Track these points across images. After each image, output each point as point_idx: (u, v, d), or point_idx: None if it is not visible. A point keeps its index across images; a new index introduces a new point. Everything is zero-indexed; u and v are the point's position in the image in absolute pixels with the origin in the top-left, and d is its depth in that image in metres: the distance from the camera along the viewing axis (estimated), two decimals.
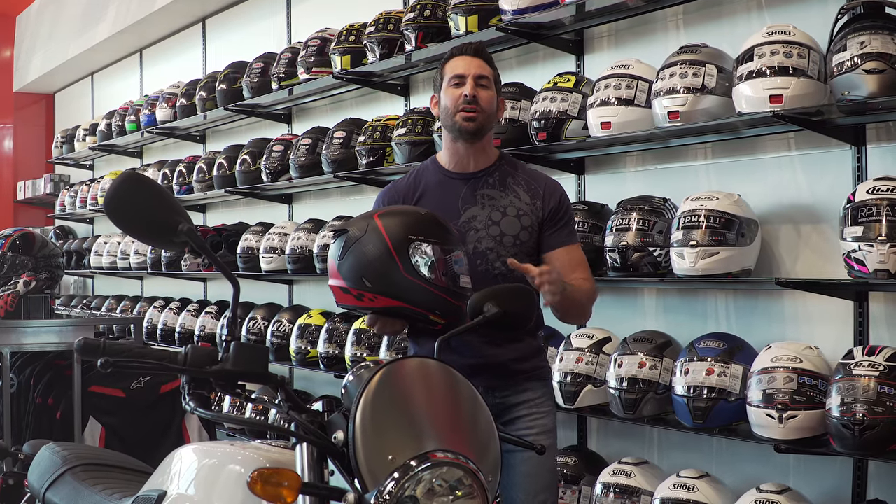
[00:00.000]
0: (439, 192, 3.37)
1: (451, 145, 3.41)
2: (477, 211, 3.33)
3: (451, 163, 3.41)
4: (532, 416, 3.32)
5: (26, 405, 5.77)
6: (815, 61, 3.72)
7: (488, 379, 3.23)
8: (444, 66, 3.41)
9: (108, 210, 2.26)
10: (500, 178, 3.39)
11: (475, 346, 3.19)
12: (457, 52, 3.41)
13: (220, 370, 2.18)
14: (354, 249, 2.76)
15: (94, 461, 3.31)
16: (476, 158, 3.39)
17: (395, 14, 5.68)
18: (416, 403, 2.12)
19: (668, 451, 4.61)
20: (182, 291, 8.77)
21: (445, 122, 3.38)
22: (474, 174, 3.39)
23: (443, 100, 3.38)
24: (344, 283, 2.79)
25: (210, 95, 7.64)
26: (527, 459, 3.21)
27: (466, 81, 3.32)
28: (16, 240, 6.24)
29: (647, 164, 4.73)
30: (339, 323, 6.02)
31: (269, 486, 1.93)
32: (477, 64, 3.36)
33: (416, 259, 2.72)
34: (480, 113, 3.32)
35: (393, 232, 2.74)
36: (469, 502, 2.01)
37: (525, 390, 3.33)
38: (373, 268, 2.73)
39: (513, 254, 3.27)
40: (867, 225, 3.46)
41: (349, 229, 2.81)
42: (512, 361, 3.31)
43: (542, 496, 3.28)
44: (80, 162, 11.29)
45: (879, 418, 3.38)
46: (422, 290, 2.72)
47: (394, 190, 3.45)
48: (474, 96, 3.30)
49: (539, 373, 3.41)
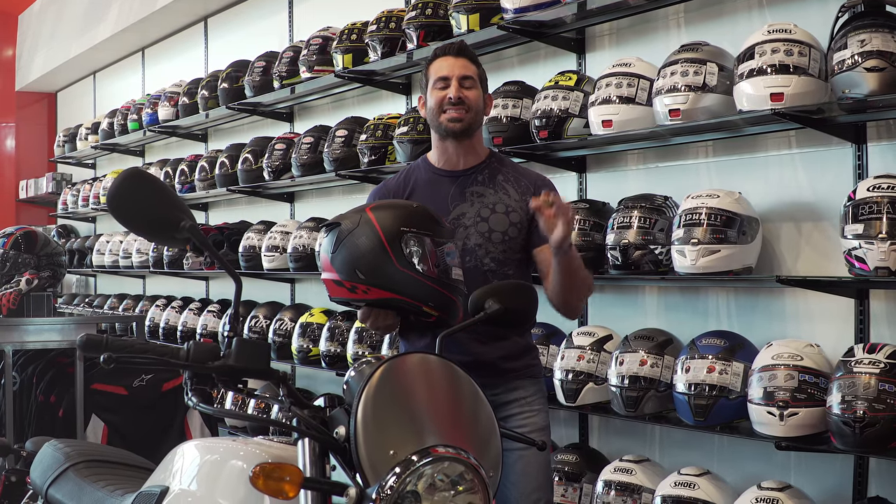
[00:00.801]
0: (429, 189, 3.40)
1: (439, 144, 3.45)
2: (466, 208, 3.36)
3: (441, 161, 3.45)
4: (524, 415, 3.34)
5: (29, 403, 5.78)
6: (815, 59, 3.73)
7: (478, 377, 3.23)
8: (429, 68, 3.43)
9: (111, 207, 2.27)
10: (489, 176, 3.41)
11: (464, 344, 3.20)
12: (440, 53, 3.43)
13: (222, 366, 2.19)
14: (347, 242, 2.77)
15: (96, 458, 3.33)
16: (465, 156, 3.42)
17: (396, 13, 5.68)
18: (417, 399, 2.13)
19: (670, 448, 4.62)
20: (184, 290, 8.78)
21: (432, 122, 3.42)
22: (464, 172, 3.42)
23: (429, 101, 3.41)
24: (337, 275, 2.79)
25: (212, 94, 7.65)
26: (521, 458, 3.23)
27: (451, 83, 3.35)
28: (18, 238, 6.25)
29: (649, 162, 4.74)
30: (340, 321, 6.03)
31: (272, 480, 1.94)
32: (461, 64, 3.38)
33: (409, 251, 2.73)
34: (467, 113, 3.36)
35: (385, 224, 2.75)
36: (470, 497, 2.02)
37: (516, 388, 3.35)
38: (366, 260, 2.73)
39: (501, 250, 3.30)
40: (868, 223, 3.47)
41: (342, 223, 2.82)
42: (500, 360, 3.32)
43: (537, 494, 3.29)
44: (83, 161, 11.30)
45: (880, 415, 3.39)
46: (414, 282, 2.73)
47: (385, 189, 3.49)
48: (459, 97, 3.33)
49: (530, 371, 3.43)
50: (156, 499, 2.55)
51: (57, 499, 3.17)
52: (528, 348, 3.47)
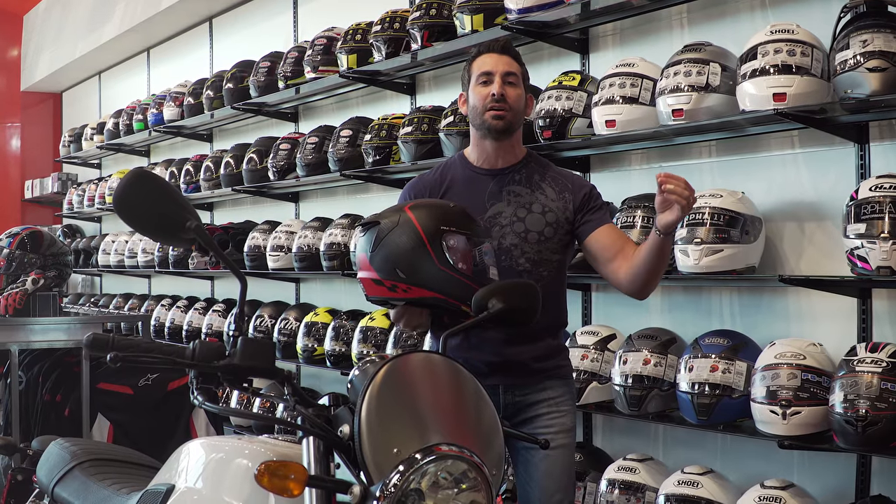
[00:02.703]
0: (465, 187, 3.36)
1: (479, 142, 3.40)
2: (502, 207, 3.32)
3: (479, 159, 3.41)
4: (551, 415, 3.30)
5: (35, 402, 5.79)
6: (818, 59, 3.74)
7: (507, 377, 3.23)
8: (472, 64, 3.39)
9: (117, 207, 2.29)
10: (526, 176, 3.38)
11: (495, 345, 3.19)
12: (484, 49, 3.39)
13: (227, 365, 2.21)
14: (387, 241, 2.79)
15: (102, 456, 3.33)
16: (504, 155, 3.38)
17: (401, 13, 5.70)
18: (420, 397, 2.14)
19: (673, 447, 4.63)
20: (189, 290, 8.80)
21: (474, 120, 3.36)
22: (501, 171, 3.38)
23: (471, 98, 3.36)
24: (377, 274, 2.81)
25: (217, 94, 7.67)
26: (547, 457, 3.20)
27: (494, 79, 3.31)
28: (24, 238, 6.27)
29: (652, 161, 4.75)
30: (345, 321, 6.04)
31: (276, 478, 1.96)
32: (505, 61, 3.34)
33: (449, 250, 2.75)
34: (509, 111, 3.30)
35: (425, 223, 2.78)
36: (473, 495, 2.03)
37: (545, 388, 3.31)
38: (406, 258, 2.76)
39: (536, 251, 3.28)
40: (870, 222, 3.48)
41: (381, 221, 2.83)
42: (532, 360, 3.28)
43: (559, 496, 3.25)
44: (88, 161, 11.32)
45: (882, 414, 3.40)
46: (454, 281, 2.76)
47: (421, 183, 3.43)
48: (502, 94, 3.29)
49: (560, 371, 3.38)
50: (162, 497, 2.56)
51: (63, 497, 3.18)
52: (558, 349, 3.41)
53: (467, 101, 3.40)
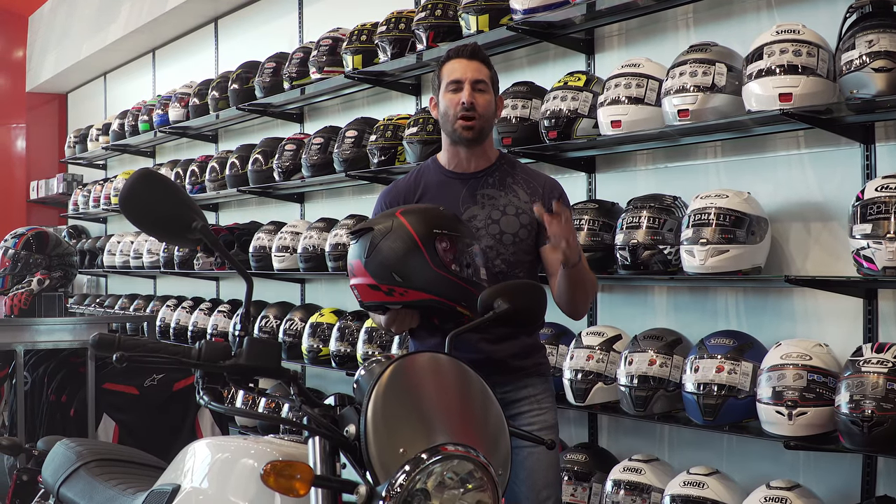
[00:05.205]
0: (440, 191, 3.40)
1: (450, 147, 3.45)
2: (477, 210, 3.37)
3: (452, 163, 3.45)
4: (533, 412, 3.36)
5: (40, 402, 5.79)
6: (824, 60, 3.73)
7: (488, 375, 3.24)
8: (442, 69, 3.42)
9: (123, 207, 2.29)
10: (499, 178, 3.42)
11: (473, 343, 3.21)
12: (453, 55, 3.41)
13: (233, 365, 2.21)
14: (382, 246, 2.82)
15: (107, 456, 3.34)
16: (476, 159, 3.43)
17: (406, 14, 5.70)
18: (426, 397, 2.15)
19: (679, 448, 4.62)
20: (194, 290, 8.81)
21: (445, 127, 3.41)
22: (474, 174, 3.42)
23: (441, 104, 3.40)
24: (372, 279, 2.83)
25: (222, 95, 7.68)
26: (531, 455, 3.24)
27: (464, 87, 3.34)
28: (30, 238, 6.27)
29: (658, 162, 4.75)
30: (350, 321, 6.05)
31: (282, 478, 1.96)
32: (474, 67, 3.37)
33: (442, 252, 2.77)
34: (478, 119, 3.34)
35: (418, 227, 2.82)
36: (479, 495, 2.04)
37: (525, 386, 3.37)
38: (402, 262, 2.80)
39: (512, 252, 3.32)
40: (876, 222, 3.47)
41: (374, 228, 2.85)
42: (511, 358, 3.34)
43: (546, 492, 3.31)
44: (93, 161, 11.33)
45: (888, 415, 3.39)
46: (449, 283, 2.80)
47: (395, 189, 3.48)
48: (472, 103, 3.32)
49: (539, 369, 3.44)
50: (167, 497, 2.56)
51: (68, 497, 3.19)
52: (536, 347, 3.49)
53: (438, 106, 3.42)
